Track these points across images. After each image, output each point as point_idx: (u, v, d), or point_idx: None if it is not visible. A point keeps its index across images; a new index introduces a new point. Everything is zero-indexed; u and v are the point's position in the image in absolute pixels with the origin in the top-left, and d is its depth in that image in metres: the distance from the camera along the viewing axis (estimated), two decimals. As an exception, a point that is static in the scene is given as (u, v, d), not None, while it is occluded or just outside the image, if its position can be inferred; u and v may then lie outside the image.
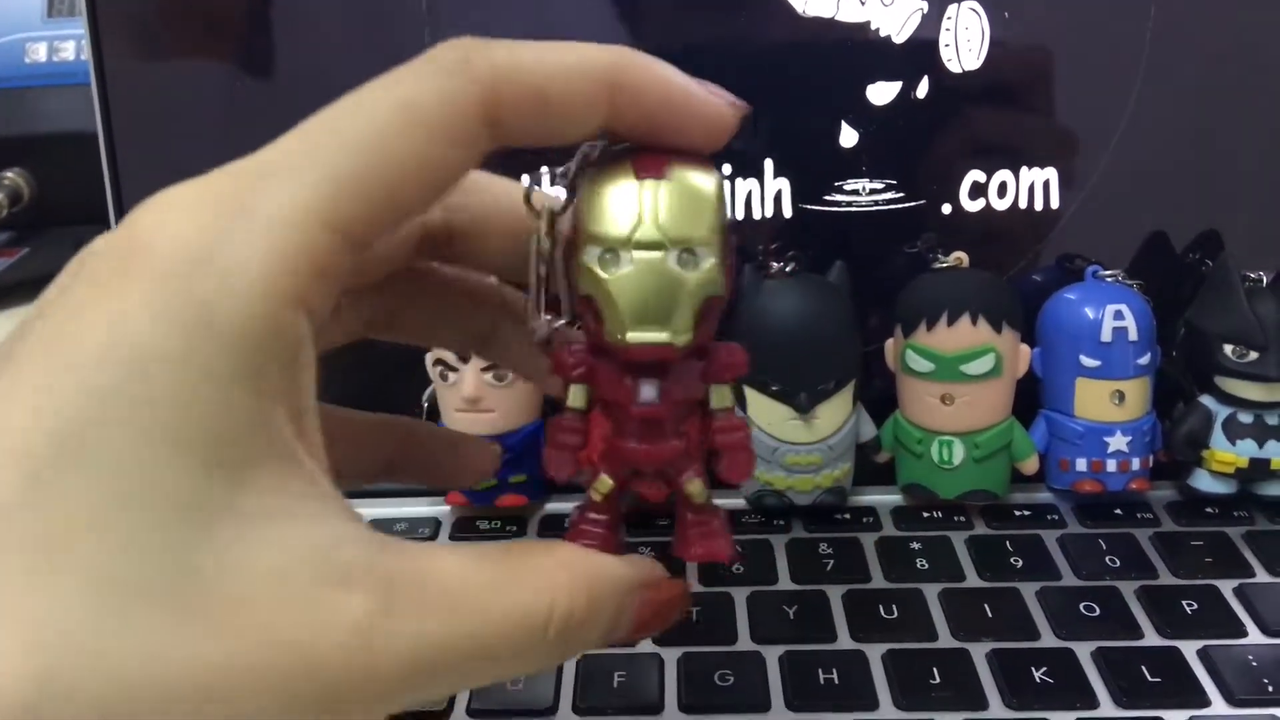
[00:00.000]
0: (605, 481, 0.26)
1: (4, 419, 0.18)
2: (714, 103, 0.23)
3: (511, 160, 0.24)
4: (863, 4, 0.42)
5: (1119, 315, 0.40)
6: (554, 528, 0.42)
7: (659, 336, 0.23)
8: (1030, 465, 0.42)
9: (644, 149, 0.24)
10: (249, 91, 0.43)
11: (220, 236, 0.19)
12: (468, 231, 0.26)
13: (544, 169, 0.25)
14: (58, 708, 0.16)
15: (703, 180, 0.24)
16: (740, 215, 0.43)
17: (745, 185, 0.43)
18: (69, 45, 0.64)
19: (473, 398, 0.40)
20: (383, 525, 0.42)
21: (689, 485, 0.26)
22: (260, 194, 0.19)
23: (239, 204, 0.19)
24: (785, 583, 0.38)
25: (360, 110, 0.21)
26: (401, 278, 0.27)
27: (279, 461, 0.19)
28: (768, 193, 0.43)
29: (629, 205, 0.23)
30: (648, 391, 0.25)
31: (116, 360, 0.18)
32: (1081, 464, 0.41)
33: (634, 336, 0.23)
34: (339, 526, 0.20)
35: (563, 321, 0.25)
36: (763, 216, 0.43)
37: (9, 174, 0.63)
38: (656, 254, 0.23)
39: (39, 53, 0.64)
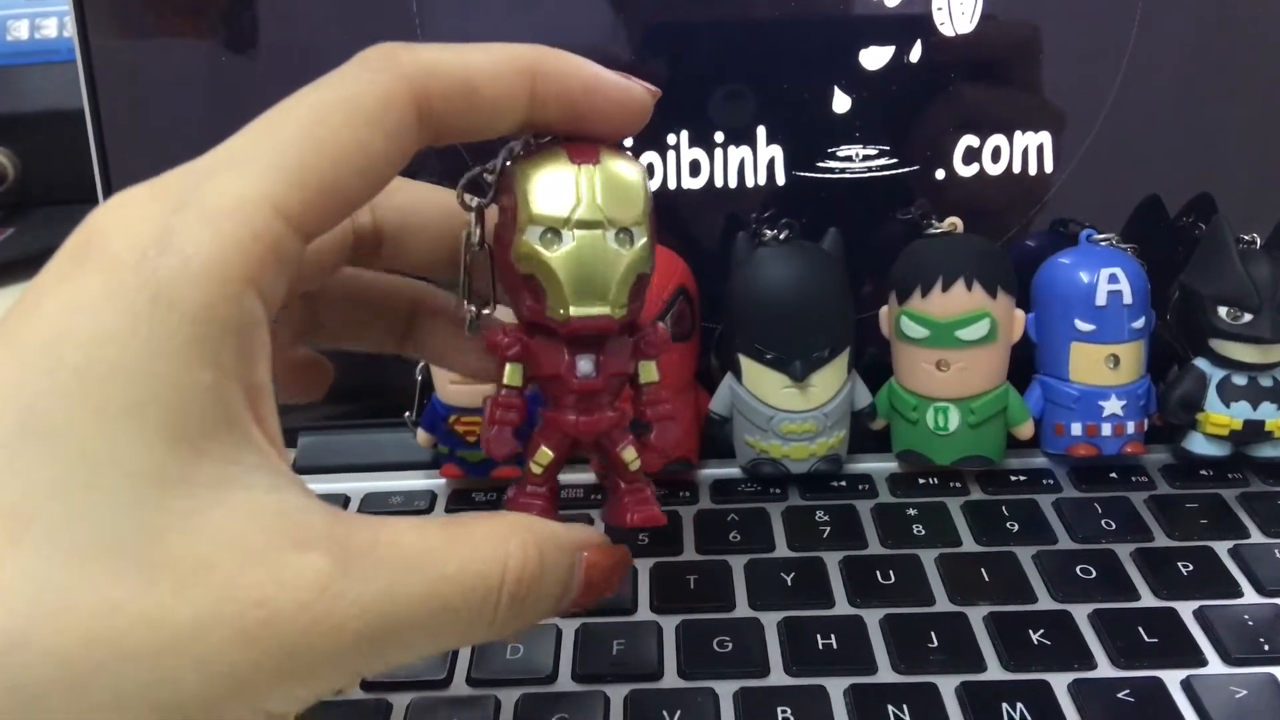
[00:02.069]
0: (545, 454, 0.27)
1: None
2: (630, 86, 0.25)
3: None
4: (854, -32, 0.41)
5: (1113, 279, 0.40)
6: (550, 499, 0.42)
7: (600, 310, 0.25)
8: (1025, 430, 0.42)
9: (568, 140, 0.25)
10: (235, 68, 0.43)
11: (174, 225, 0.20)
12: (396, 232, 0.28)
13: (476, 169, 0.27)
14: (24, 662, 0.17)
15: (632, 166, 0.25)
16: (733, 183, 0.43)
17: (738, 153, 0.43)
18: (51, 22, 0.63)
19: (467, 370, 0.40)
20: (378, 499, 0.42)
21: (625, 454, 0.28)
22: (211, 187, 0.20)
23: (190, 197, 0.20)
24: (782, 550, 0.38)
25: (300, 107, 0.22)
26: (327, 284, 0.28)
27: (233, 434, 0.20)
28: (760, 160, 0.43)
29: (568, 187, 0.24)
30: (585, 366, 0.26)
31: (76, 340, 0.19)
32: (1076, 428, 0.41)
33: (576, 311, 0.25)
34: (293, 496, 0.21)
35: (489, 310, 0.27)
36: (755, 184, 0.43)
37: (-7, 153, 0.62)
38: (596, 232, 0.25)
39: (21, 30, 0.63)
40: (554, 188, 0.25)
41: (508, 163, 0.26)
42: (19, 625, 0.17)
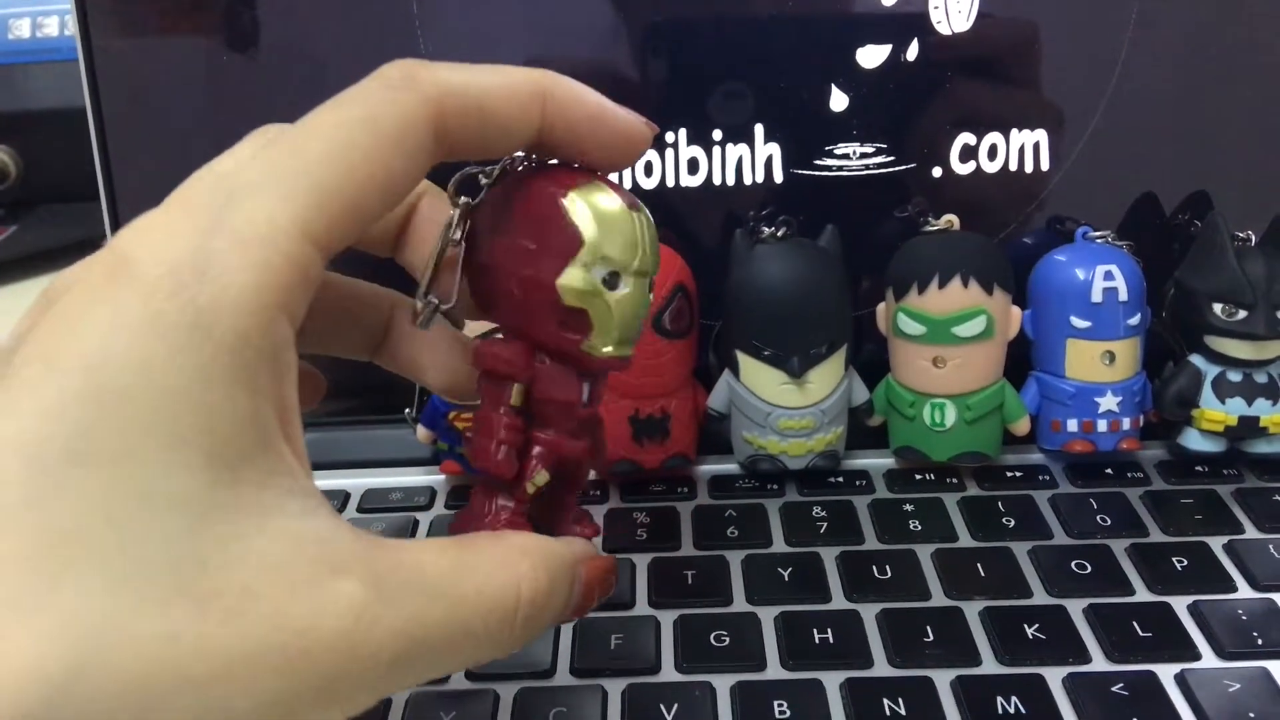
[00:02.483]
0: (544, 475, 0.27)
1: (11, 423, 0.18)
2: (633, 120, 0.26)
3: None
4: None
5: (1109, 276, 0.40)
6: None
7: (630, 351, 0.26)
8: (1022, 426, 0.42)
9: (580, 168, 0.26)
10: (236, 66, 0.43)
11: (208, 249, 0.20)
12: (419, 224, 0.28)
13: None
14: (86, 691, 0.17)
15: (651, 218, 0.26)
16: (731, 181, 0.44)
17: (736, 151, 0.43)
18: (52, 21, 0.64)
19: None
20: (377, 495, 0.43)
21: (585, 475, 0.29)
22: (241, 208, 0.20)
23: (220, 219, 0.20)
24: (780, 545, 0.39)
25: (325, 127, 0.22)
26: None
27: (268, 458, 0.20)
28: (758, 158, 0.43)
29: (630, 234, 0.25)
30: (586, 393, 0.27)
31: (117, 365, 0.19)
32: (1072, 424, 0.41)
33: (617, 351, 0.26)
34: (325, 520, 0.21)
35: (449, 306, 0.26)
36: (753, 182, 0.44)
37: (-5, 151, 0.62)
38: (644, 280, 0.26)
39: (22, 29, 0.63)
40: (621, 232, 0.25)
41: (501, 174, 0.27)
42: (81, 655, 0.17)
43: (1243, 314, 0.40)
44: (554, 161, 0.26)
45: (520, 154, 0.26)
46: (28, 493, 0.18)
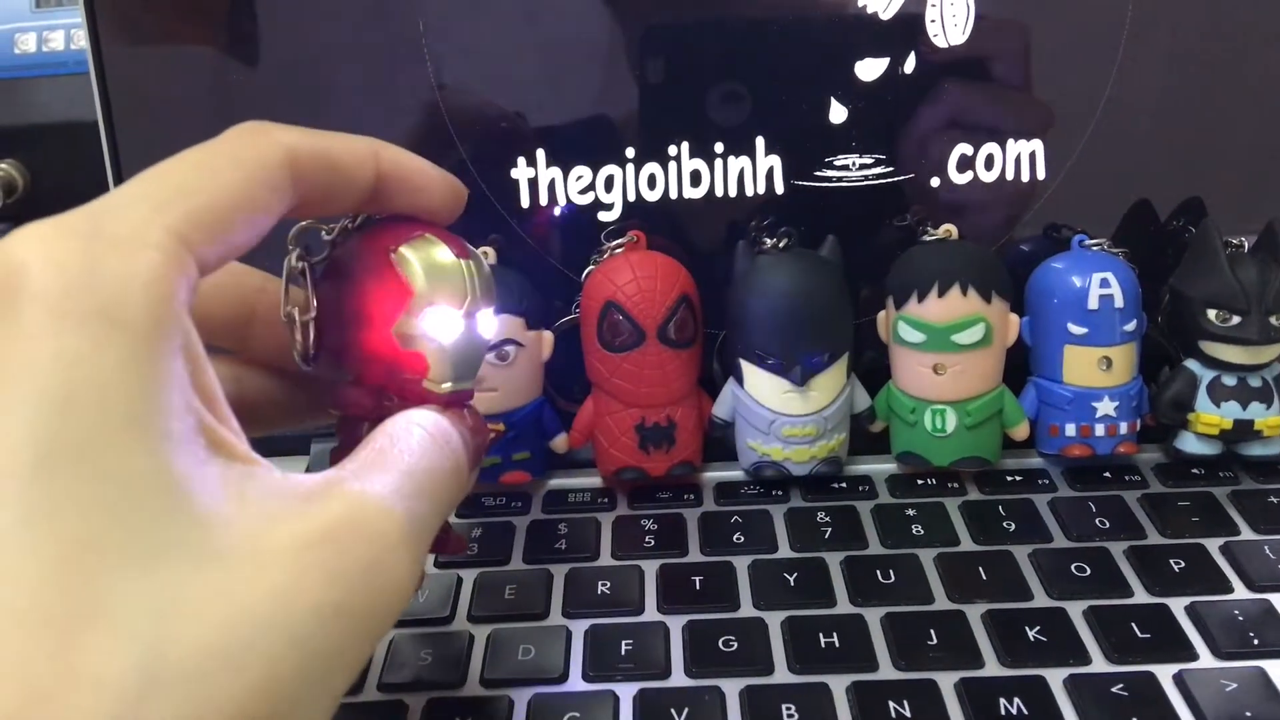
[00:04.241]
0: None
1: None
2: (451, 178, 0.29)
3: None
4: (850, -19, 0.42)
5: (1105, 283, 0.41)
6: (557, 503, 0.43)
7: (471, 385, 0.29)
8: (1021, 431, 0.43)
9: (408, 221, 0.28)
10: (247, 78, 0.44)
11: (95, 253, 0.20)
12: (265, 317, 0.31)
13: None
14: (163, 692, 0.18)
15: (483, 259, 0.29)
16: (733, 192, 0.44)
17: (738, 163, 0.44)
18: (58, 35, 0.64)
19: (475, 377, 0.40)
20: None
21: None
22: (117, 219, 0.21)
23: (99, 228, 0.21)
24: (785, 551, 0.39)
25: (191, 159, 0.24)
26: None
27: (207, 431, 0.21)
28: (759, 169, 0.44)
29: (460, 281, 0.28)
30: None
31: (45, 369, 0.19)
32: (1070, 429, 0.42)
33: (456, 386, 0.28)
34: (275, 471, 0.23)
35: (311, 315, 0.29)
36: (755, 193, 0.44)
37: (2, 165, 0.63)
38: (474, 320, 0.28)
39: (28, 43, 0.64)
40: (449, 280, 0.28)
41: (344, 231, 0.29)
42: (148, 650, 0.18)
43: (1236, 320, 0.40)
44: (388, 218, 0.28)
45: (362, 216, 0.29)
46: (25, 510, 0.18)
